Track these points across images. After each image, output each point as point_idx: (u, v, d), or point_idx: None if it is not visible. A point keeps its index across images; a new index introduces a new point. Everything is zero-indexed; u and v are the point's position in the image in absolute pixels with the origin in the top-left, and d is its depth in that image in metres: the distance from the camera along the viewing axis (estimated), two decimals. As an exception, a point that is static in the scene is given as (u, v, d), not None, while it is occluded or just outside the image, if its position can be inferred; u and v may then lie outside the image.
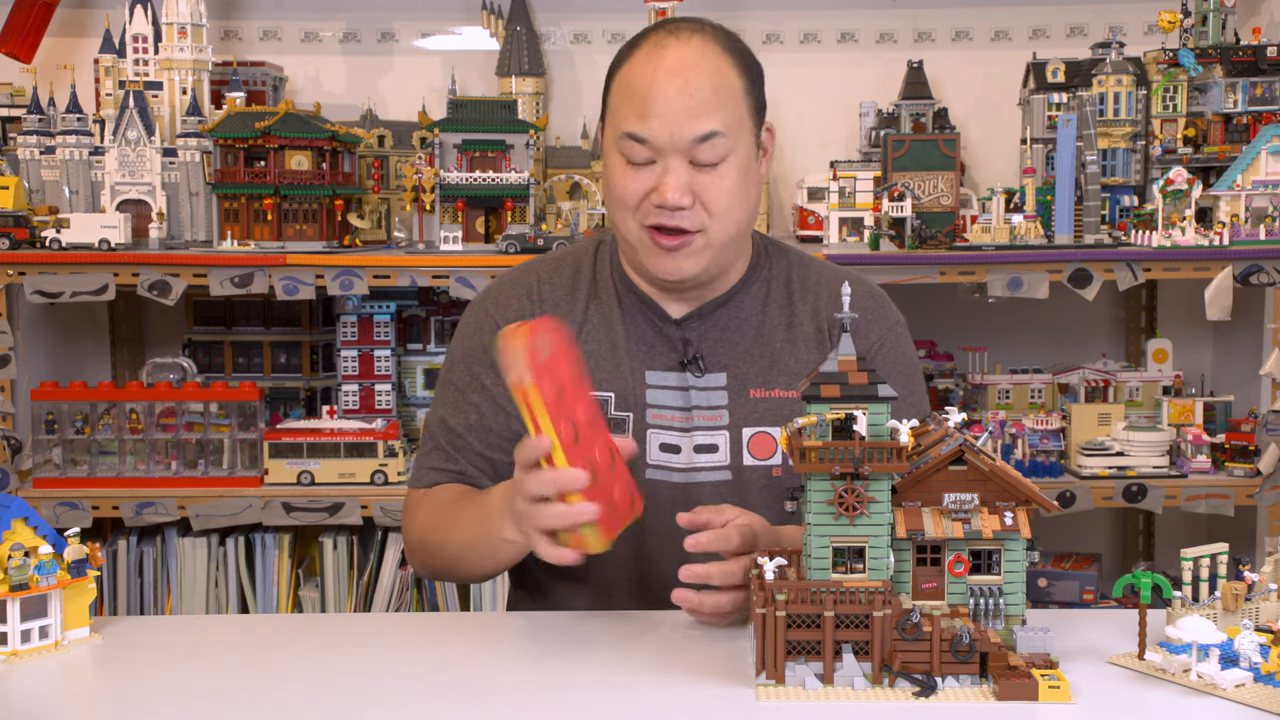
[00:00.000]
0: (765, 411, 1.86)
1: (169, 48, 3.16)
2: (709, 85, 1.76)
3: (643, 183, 1.78)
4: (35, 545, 1.53)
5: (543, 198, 3.36)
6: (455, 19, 3.56)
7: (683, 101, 1.75)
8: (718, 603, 1.58)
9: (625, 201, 1.80)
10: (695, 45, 1.78)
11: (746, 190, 1.82)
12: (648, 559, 1.85)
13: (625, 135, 1.77)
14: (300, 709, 1.40)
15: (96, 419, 3.07)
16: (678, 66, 1.76)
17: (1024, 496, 1.42)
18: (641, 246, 1.81)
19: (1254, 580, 1.52)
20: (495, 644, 1.63)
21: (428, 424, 1.97)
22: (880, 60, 3.55)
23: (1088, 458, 3.06)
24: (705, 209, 1.78)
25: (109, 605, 3.12)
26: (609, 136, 1.83)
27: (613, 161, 1.81)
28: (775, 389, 1.87)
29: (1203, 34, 3.22)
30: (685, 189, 1.76)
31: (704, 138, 1.75)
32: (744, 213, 1.82)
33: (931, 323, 3.51)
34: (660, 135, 1.75)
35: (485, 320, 1.94)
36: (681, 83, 1.75)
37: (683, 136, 1.75)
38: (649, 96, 1.75)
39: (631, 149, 1.78)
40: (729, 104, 1.78)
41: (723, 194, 1.78)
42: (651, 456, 1.85)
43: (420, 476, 1.94)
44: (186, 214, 3.13)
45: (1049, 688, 1.35)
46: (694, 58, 1.77)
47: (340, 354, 3.22)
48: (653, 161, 1.77)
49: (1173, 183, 3.02)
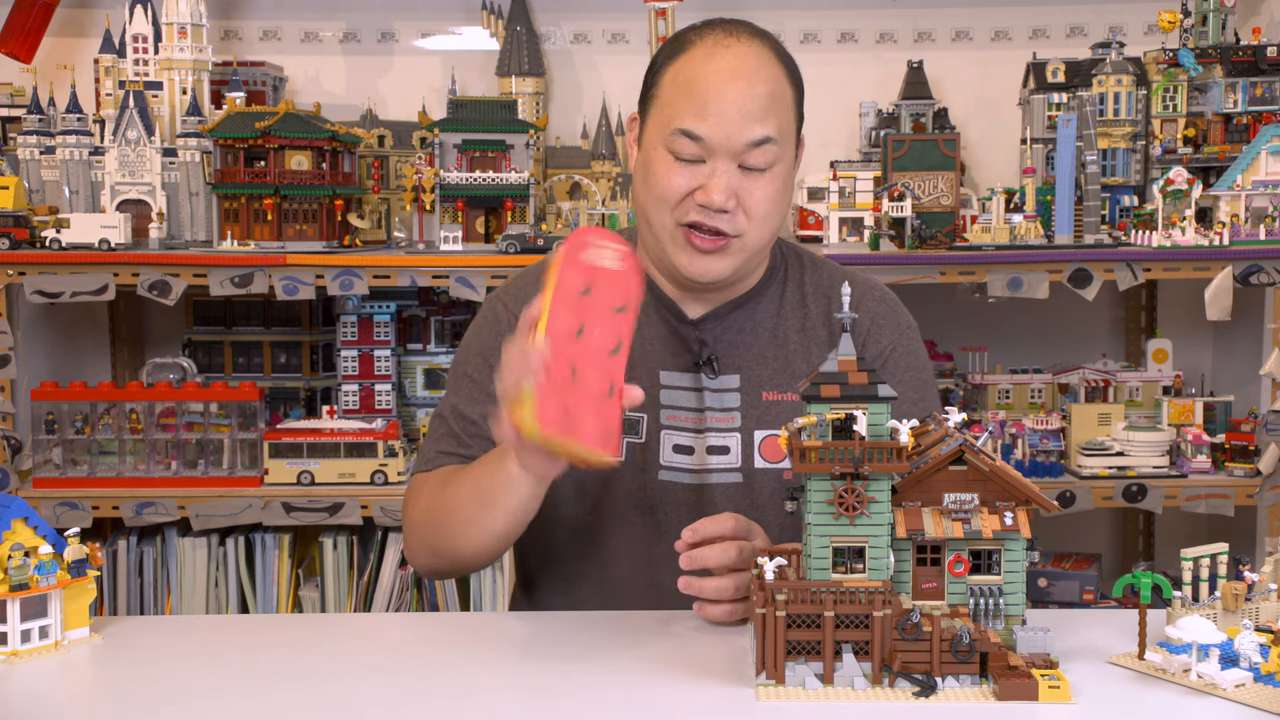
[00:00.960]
0: (778, 415, 1.86)
1: (169, 48, 3.16)
2: (767, 91, 1.77)
3: (688, 180, 1.77)
4: (35, 545, 1.52)
5: (543, 198, 3.36)
6: (455, 19, 3.56)
7: (743, 105, 1.75)
8: (719, 586, 1.58)
9: (667, 197, 1.78)
10: (756, 50, 1.79)
11: (784, 199, 1.83)
12: (660, 560, 1.83)
13: (679, 131, 1.76)
14: (300, 709, 1.40)
15: (96, 419, 3.07)
16: (740, 69, 1.76)
17: (1024, 496, 1.42)
18: (674, 243, 1.80)
19: (1254, 580, 1.52)
20: (495, 644, 1.63)
21: (438, 414, 1.94)
22: (880, 60, 3.55)
23: (1088, 458, 3.06)
24: (746, 214, 1.77)
25: (109, 605, 3.12)
26: (655, 130, 1.81)
27: (658, 156, 1.79)
28: (789, 393, 1.87)
29: (1203, 34, 3.22)
30: (731, 192, 1.75)
31: (758, 143, 1.75)
32: (779, 220, 1.83)
33: (931, 323, 3.50)
34: (716, 135, 1.75)
35: (502, 313, 1.93)
36: (744, 86, 1.75)
37: (738, 139, 1.75)
38: (708, 95, 1.75)
39: (682, 145, 1.76)
40: (782, 113, 1.79)
41: (765, 200, 1.78)
42: (665, 458, 1.85)
43: (429, 460, 1.89)
44: (186, 214, 3.13)
45: (1049, 688, 1.35)
46: (755, 62, 1.78)
47: (340, 354, 3.22)
48: (701, 160, 1.77)
49: (1173, 183, 3.02)
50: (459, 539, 1.77)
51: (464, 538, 1.76)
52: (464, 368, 1.94)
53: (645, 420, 1.85)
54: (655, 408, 1.85)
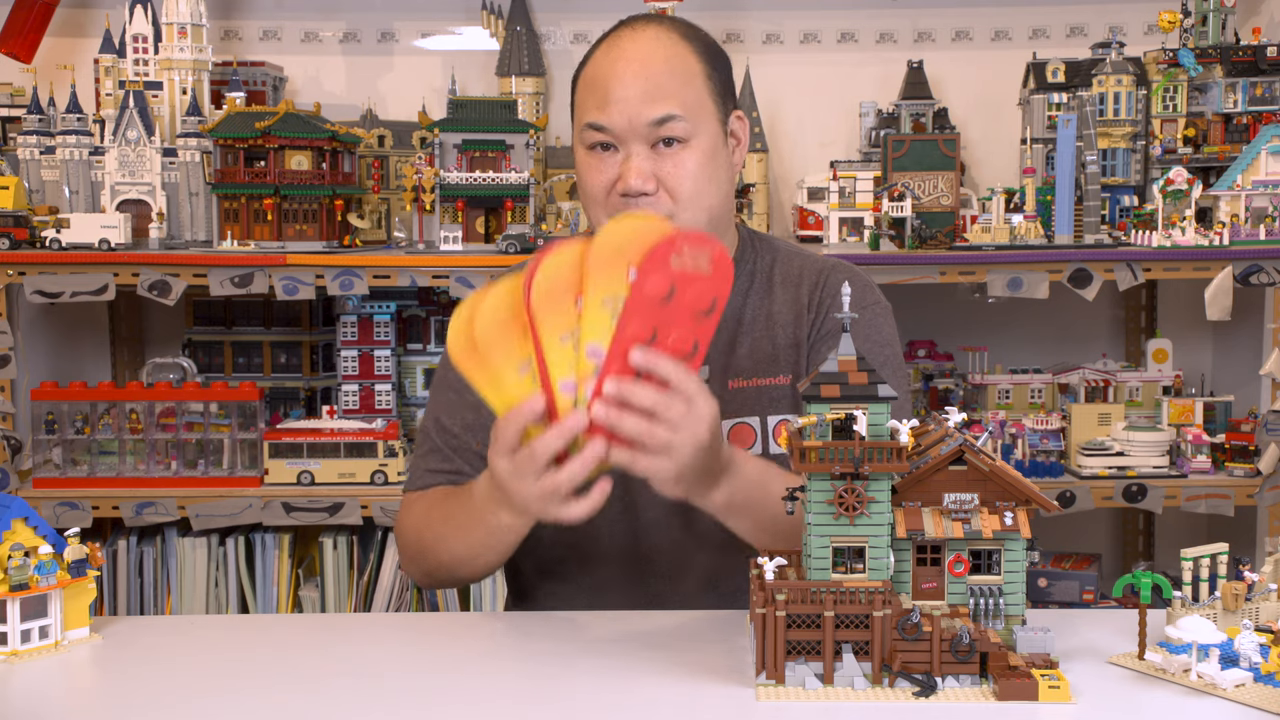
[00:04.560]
0: (744, 402, 1.87)
1: (169, 48, 3.16)
2: (665, 69, 1.78)
3: (607, 173, 1.79)
4: (35, 545, 1.52)
5: (543, 198, 3.36)
6: (455, 19, 3.56)
7: (639, 86, 1.76)
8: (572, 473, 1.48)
9: (593, 194, 1.80)
10: (650, 33, 1.81)
11: (714, 175, 1.81)
12: (644, 558, 1.85)
13: (586, 126, 1.79)
14: (300, 709, 1.40)
15: (96, 419, 3.07)
16: (633, 53, 1.78)
17: (1024, 496, 1.42)
18: None
19: (1254, 580, 1.52)
20: (495, 644, 1.63)
21: (423, 427, 1.95)
22: (880, 60, 3.55)
23: (1088, 458, 3.06)
24: (670, 194, 1.77)
25: (109, 605, 3.12)
26: (576, 133, 1.85)
27: (579, 156, 1.83)
28: (753, 378, 1.88)
29: (1203, 34, 3.22)
30: (648, 175, 1.76)
31: (662, 120, 1.76)
32: (714, 199, 1.81)
33: (931, 323, 3.51)
34: (619, 121, 1.76)
35: None
36: (637, 67, 1.77)
37: (640, 120, 1.76)
38: (607, 85, 1.77)
39: (593, 139, 1.79)
40: (687, 87, 1.78)
41: (686, 177, 1.77)
42: None
43: (416, 479, 1.91)
44: (186, 214, 3.13)
45: (1049, 688, 1.35)
46: (649, 45, 1.79)
47: (340, 354, 3.22)
48: (616, 150, 1.78)
49: (1173, 183, 3.02)
50: (454, 572, 1.81)
51: (459, 569, 1.80)
52: (445, 377, 1.94)
53: None
54: None
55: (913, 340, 3.44)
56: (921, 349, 3.44)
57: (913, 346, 3.43)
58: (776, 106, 3.52)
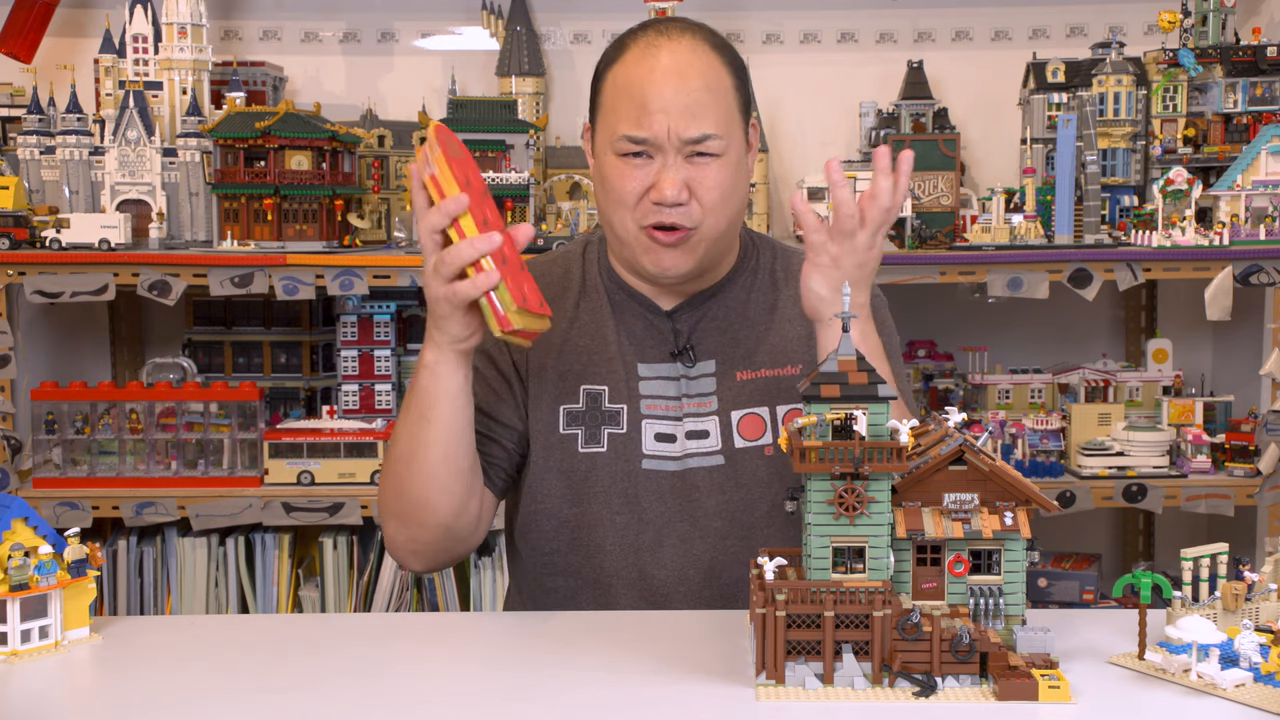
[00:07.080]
0: (752, 393, 1.89)
1: (169, 48, 3.16)
2: (703, 84, 1.80)
3: (640, 180, 1.80)
4: (35, 545, 1.52)
5: (543, 198, 3.36)
6: (455, 19, 3.56)
7: (680, 101, 1.78)
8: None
9: (624, 200, 1.82)
10: (687, 44, 1.82)
11: (737, 185, 1.85)
12: (646, 550, 1.85)
13: (624, 137, 1.80)
14: (300, 709, 1.40)
15: (96, 419, 3.07)
16: (673, 66, 1.80)
17: (1024, 496, 1.42)
18: (639, 245, 1.83)
19: (1254, 580, 1.52)
20: (495, 644, 1.63)
21: None
22: (880, 60, 3.55)
23: (1088, 458, 3.06)
24: (699, 204, 1.80)
25: (109, 605, 3.12)
26: (603, 136, 1.85)
27: (608, 161, 1.83)
28: (761, 369, 1.91)
29: (1203, 34, 3.22)
30: (683, 185, 1.79)
31: (700, 139, 1.79)
32: (735, 208, 1.86)
33: (931, 323, 3.51)
34: (659, 135, 1.78)
35: None
36: (678, 82, 1.79)
37: (679, 135, 1.78)
38: (645, 95, 1.78)
39: (629, 149, 1.80)
40: (722, 102, 1.82)
41: (716, 188, 1.81)
42: (647, 446, 1.87)
43: None
44: (186, 214, 3.13)
45: (1049, 688, 1.35)
46: (687, 57, 1.81)
47: (340, 354, 3.22)
48: (650, 158, 1.80)
49: (1173, 183, 3.02)
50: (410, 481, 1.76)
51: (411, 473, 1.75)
52: None
53: (626, 411, 1.88)
54: (635, 399, 1.88)
55: (913, 340, 3.44)
56: (921, 349, 3.44)
57: (913, 346, 3.43)
58: (776, 106, 3.52)
